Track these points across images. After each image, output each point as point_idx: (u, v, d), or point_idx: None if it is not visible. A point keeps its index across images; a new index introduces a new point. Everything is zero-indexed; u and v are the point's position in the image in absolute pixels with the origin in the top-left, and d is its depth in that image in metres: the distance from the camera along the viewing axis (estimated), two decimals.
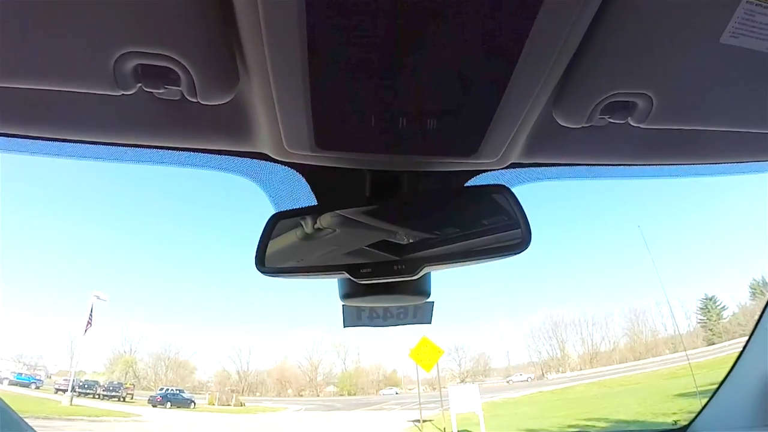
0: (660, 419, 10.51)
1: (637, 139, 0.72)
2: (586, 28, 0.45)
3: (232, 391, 35.11)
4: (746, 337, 1.34)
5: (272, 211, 0.78)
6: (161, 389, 29.04)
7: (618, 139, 0.73)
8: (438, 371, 17.77)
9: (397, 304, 0.90)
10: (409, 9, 0.43)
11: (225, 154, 0.76)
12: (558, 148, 0.74)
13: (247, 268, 0.76)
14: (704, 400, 1.41)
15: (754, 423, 1.28)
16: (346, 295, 0.79)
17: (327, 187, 0.80)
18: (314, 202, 0.82)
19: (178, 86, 0.52)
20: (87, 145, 0.71)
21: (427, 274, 0.80)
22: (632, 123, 0.59)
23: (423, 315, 0.93)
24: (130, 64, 0.49)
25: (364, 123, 0.56)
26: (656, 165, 0.85)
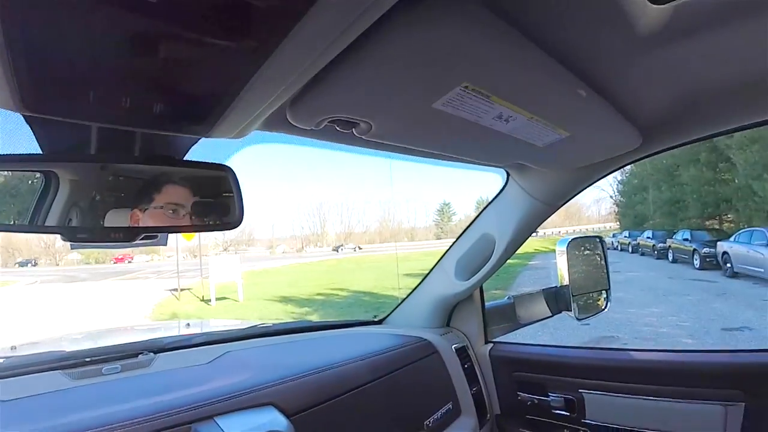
0: (389, 292, 12.62)
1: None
2: (335, 53, 0.48)
3: None
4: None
5: None
6: None
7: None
8: (199, 239, 17.47)
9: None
10: None
11: None
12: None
13: None
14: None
15: (426, 325, 1.81)
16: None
17: (49, 134, 0.68)
18: (37, 150, 0.69)
19: None
20: None
21: None
22: (356, 134, 0.68)
23: (159, 239, 0.92)
24: None
25: (80, 95, 0.50)
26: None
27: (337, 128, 0.66)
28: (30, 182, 0.67)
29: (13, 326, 9.70)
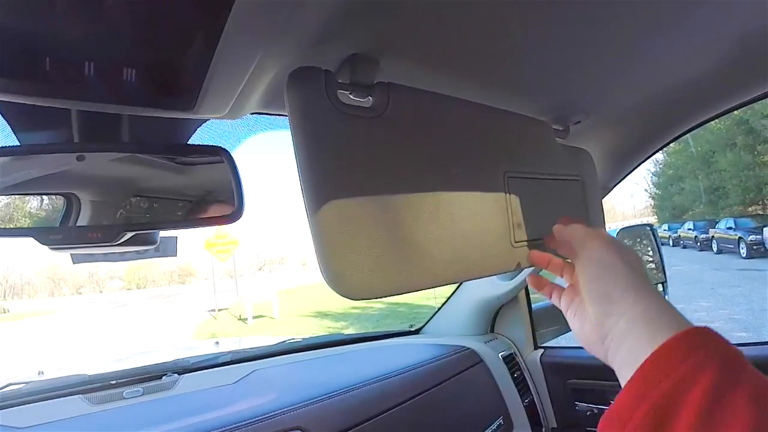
0: (424, 302, 12.45)
1: None
2: None
3: None
4: None
5: None
6: None
7: None
8: (234, 261, 17.76)
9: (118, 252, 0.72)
10: None
11: None
12: None
13: None
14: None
15: (468, 332, 1.67)
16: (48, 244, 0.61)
17: (26, 125, 0.60)
18: (15, 142, 0.62)
19: None
20: None
21: None
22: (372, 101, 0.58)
23: (167, 249, 0.84)
24: None
25: (36, 65, 0.42)
26: None
27: (352, 97, 0.55)
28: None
29: (59, 350, 9.99)
